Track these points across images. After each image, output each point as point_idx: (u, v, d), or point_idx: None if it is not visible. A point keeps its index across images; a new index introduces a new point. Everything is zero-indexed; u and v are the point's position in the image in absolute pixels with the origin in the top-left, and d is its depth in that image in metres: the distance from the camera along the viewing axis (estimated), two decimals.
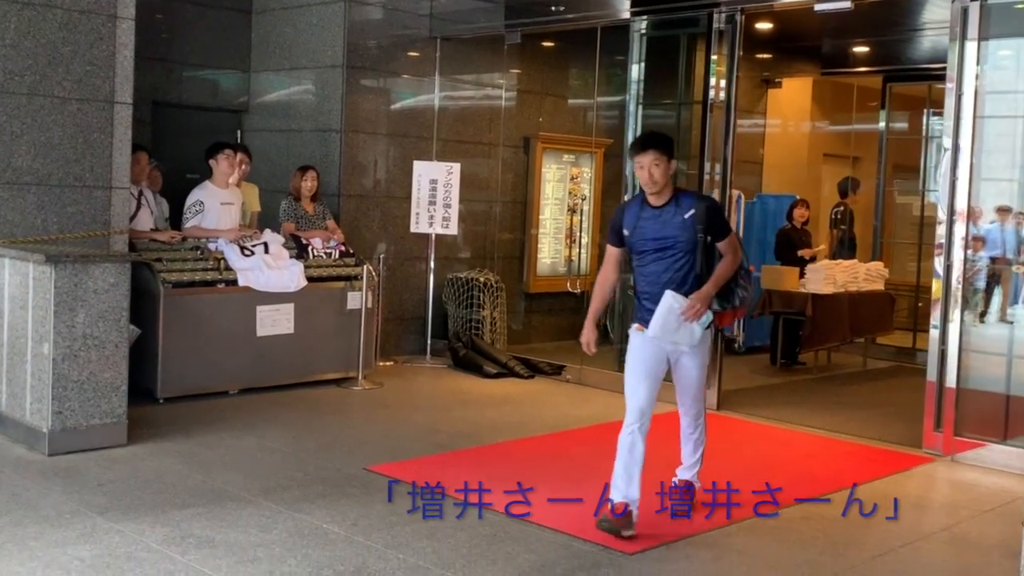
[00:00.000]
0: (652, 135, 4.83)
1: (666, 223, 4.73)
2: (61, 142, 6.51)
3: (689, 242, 4.71)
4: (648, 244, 4.77)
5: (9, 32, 6.25)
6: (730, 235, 4.84)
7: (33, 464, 5.48)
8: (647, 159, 4.68)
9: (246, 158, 8.02)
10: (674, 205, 4.75)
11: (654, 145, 4.70)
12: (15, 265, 5.91)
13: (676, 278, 4.74)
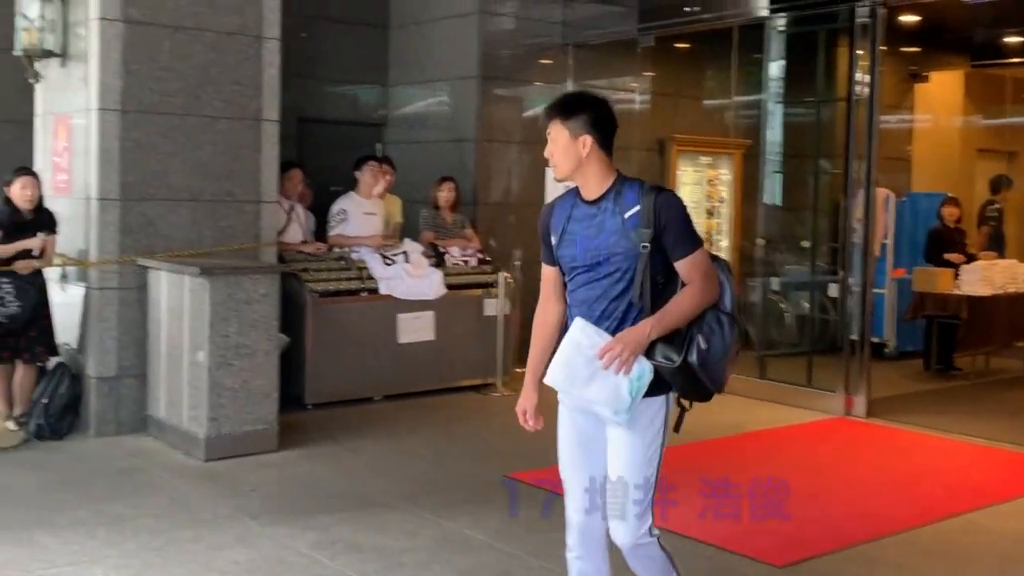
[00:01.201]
0: (562, 97, 3.26)
1: (600, 227, 3.11)
2: (212, 159, 6.76)
3: (628, 255, 3.07)
4: (576, 258, 3.15)
5: (163, 55, 6.53)
6: (697, 251, 3.09)
7: (190, 469, 5.71)
8: (549, 131, 3.18)
9: (390, 170, 8.20)
10: (613, 199, 3.12)
11: (553, 111, 3.17)
12: (172, 278, 6.18)
13: (613, 311, 3.10)
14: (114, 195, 6.35)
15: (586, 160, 3.11)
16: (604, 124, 3.14)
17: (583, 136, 3.10)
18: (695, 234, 3.13)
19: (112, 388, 6.35)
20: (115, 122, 6.36)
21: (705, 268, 3.09)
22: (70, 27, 6.62)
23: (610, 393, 3.01)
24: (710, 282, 3.09)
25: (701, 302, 3.07)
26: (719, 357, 3.08)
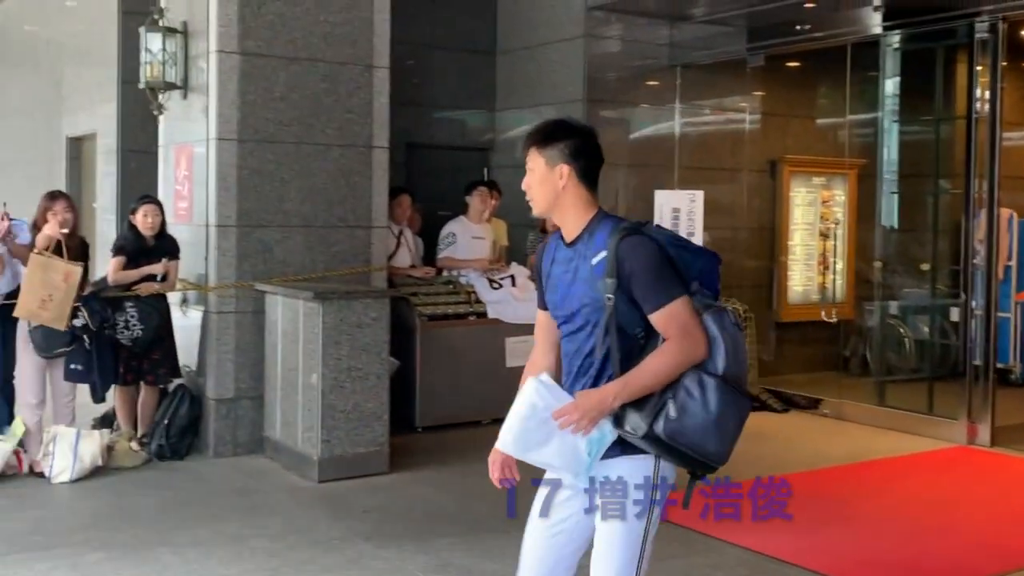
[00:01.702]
0: (535, 127, 2.95)
1: (575, 273, 2.79)
2: (325, 186, 6.89)
3: (595, 307, 2.72)
4: (557, 307, 2.86)
5: (279, 86, 6.70)
6: (672, 302, 2.67)
7: (304, 490, 5.80)
8: (527, 161, 2.89)
9: (497, 195, 8.24)
10: (586, 241, 2.80)
11: (530, 139, 2.89)
12: (287, 302, 6.31)
13: (588, 368, 2.77)
14: (231, 222, 6.53)
15: (563, 192, 2.81)
16: (584, 153, 2.83)
17: (560, 165, 2.81)
18: (670, 283, 2.69)
19: (230, 410, 6.51)
20: (232, 151, 6.54)
21: (682, 322, 2.66)
22: (191, 60, 6.86)
23: (568, 455, 2.71)
24: (689, 339, 2.66)
25: (676, 362, 2.65)
26: (698, 428, 2.64)
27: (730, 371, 2.67)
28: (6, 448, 5.79)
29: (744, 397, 2.72)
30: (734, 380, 2.68)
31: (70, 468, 5.79)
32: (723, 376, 2.66)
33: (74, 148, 10.34)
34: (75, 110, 10.20)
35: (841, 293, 9.99)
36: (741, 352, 2.71)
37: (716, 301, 2.77)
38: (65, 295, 5.75)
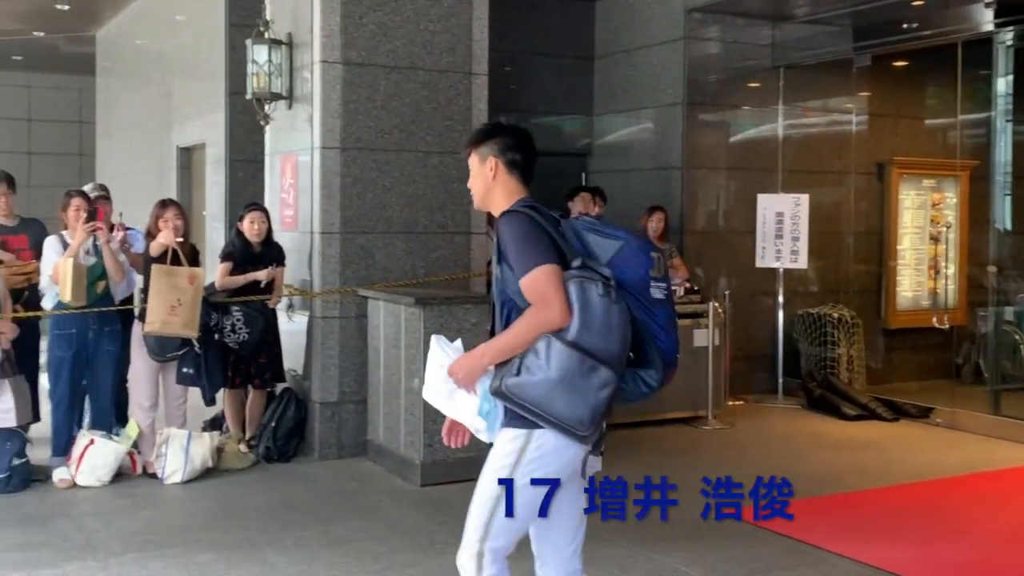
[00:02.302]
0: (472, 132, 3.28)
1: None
2: (425, 193, 6.95)
3: (495, 282, 3.06)
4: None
5: (379, 95, 6.79)
6: (531, 271, 2.84)
7: (407, 494, 5.84)
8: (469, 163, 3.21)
9: (600, 201, 8.15)
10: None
11: (468, 142, 3.21)
12: (388, 308, 6.38)
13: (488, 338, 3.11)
14: (335, 228, 6.63)
15: (493, 183, 3.09)
16: (511, 148, 3.09)
17: (489, 159, 3.09)
18: (530, 253, 2.87)
19: (334, 413, 6.61)
20: (335, 159, 6.65)
21: (540, 289, 2.82)
22: (296, 71, 6.99)
23: (468, 411, 2.96)
24: (545, 305, 2.81)
25: (530, 326, 2.83)
26: (538, 386, 2.80)
27: (583, 339, 2.78)
28: (121, 449, 5.97)
29: (605, 367, 2.79)
30: (587, 348, 2.78)
31: (182, 469, 5.95)
32: (573, 342, 2.78)
33: (184, 158, 10.66)
34: (185, 121, 10.51)
35: (953, 299, 9.66)
36: (597, 321, 2.80)
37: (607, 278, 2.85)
38: (193, 298, 5.91)
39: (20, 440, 5.82)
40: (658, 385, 2.97)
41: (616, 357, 2.82)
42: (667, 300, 2.94)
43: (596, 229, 2.98)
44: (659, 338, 2.91)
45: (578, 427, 2.84)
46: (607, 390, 2.82)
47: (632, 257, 2.91)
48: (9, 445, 5.74)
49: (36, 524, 5.22)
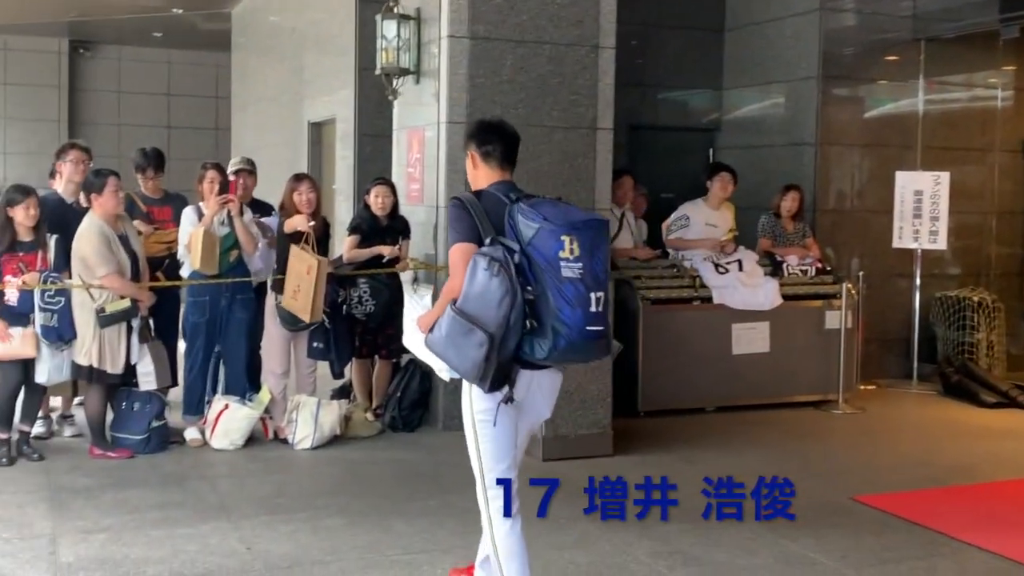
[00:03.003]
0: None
1: None
2: (550, 168, 6.89)
3: None
4: None
5: (505, 69, 6.75)
6: (452, 247, 3.50)
7: (529, 468, 5.79)
8: None
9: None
10: None
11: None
12: None
13: None
14: None
15: (475, 172, 3.69)
16: (482, 141, 3.65)
17: (470, 152, 3.70)
18: (453, 232, 3.52)
19: (458, 386, 6.62)
20: (461, 133, 6.64)
21: (451, 263, 3.48)
22: (423, 46, 7.03)
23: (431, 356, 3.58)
24: (451, 275, 3.47)
25: (443, 293, 3.49)
26: (439, 342, 3.40)
27: (464, 306, 3.33)
28: (253, 415, 6.16)
29: (481, 331, 3.28)
30: (467, 313, 3.31)
31: (311, 436, 6.10)
32: (458, 309, 3.34)
33: (315, 133, 10.88)
34: (316, 96, 10.72)
35: None
36: (475, 292, 3.29)
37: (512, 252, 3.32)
38: (309, 287, 6.00)
39: (159, 403, 6.06)
40: (551, 353, 3.34)
41: (491, 322, 3.28)
42: (579, 279, 3.28)
43: (524, 212, 3.39)
44: (563, 311, 3.29)
45: (467, 375, 3.42)
46: (483, 349, 3.29)
47: (546, 240, 3.31)
48: (148, 408, 5.99)
49: (173, 484, 5.43)
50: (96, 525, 4.74)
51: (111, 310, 5.75)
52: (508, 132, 3.73)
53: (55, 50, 14.33)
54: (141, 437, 5.95)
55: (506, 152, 3.68)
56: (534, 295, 3.31)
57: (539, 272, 3.30)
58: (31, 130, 13.54)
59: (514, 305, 3.28)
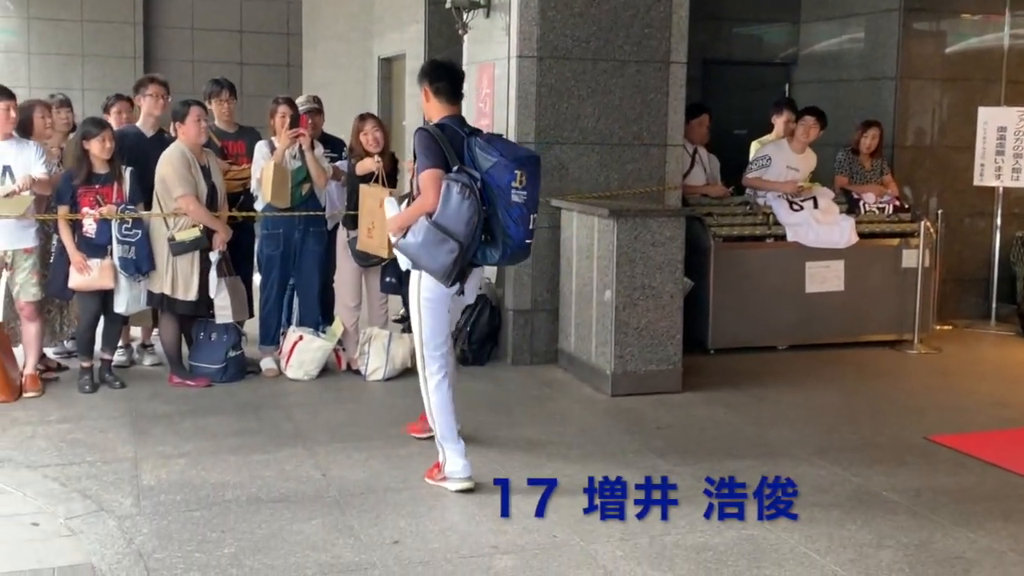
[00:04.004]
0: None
1: None
2: (621, 103, 6.82)
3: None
4: None
5: (577, 2, 6.65)
6: (422, 172, 4.22)
7: (598, 403, 5.88)
8: None
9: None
10: None
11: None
12: (582, 219, 6.36)
13: None
14: (530, 139, 6.62)
15: (428, 106, 4.39)
16: (432, 77, 4.34)
17: (424, 89, 4.38)
18: (424, 159, 4.20)
19: (527, 321, 6.70)
20: (532, 68, 6.60)
21: (423, 185, 4.20)
22: None
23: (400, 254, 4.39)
24: (423, 196, 4.20)
25: (415, 208, 4.27)
26: (413, 247, 4.22)
27: (439, 220, 4.14)
28: (327, 346, 6.27)
29: (452, 240, 4.13)
30: (442, 225, 4.13)
31: (383, 367, 6.18)
32: (434, 222, 4.15)
33: (385, 68, 10.87)
34: (385, 32, 10.69)
35: None
36: (451, 209, 4.12)
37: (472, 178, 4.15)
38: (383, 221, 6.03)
39: (236, 334, 6.19)
40: (499, 260, 4.28)
41: (462, 235, 4.12)
42: (523, 203, 4.15)
43: (482, 147, 4.18)
44: (510, 228, 4.16)
45: (436, 274, 4.22)
46: (453, 255, 4.15)
47: (501, 171, 4.13)
48: (225, 338, 6.12)
49: (250, 412, 5.57)
50: (176, 450, 4.89)
51: (181, 238, 5.85)
52: (456, 71, 4.46)
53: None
54: (219, 366, 6.09)
55: (452, 89, 4.38)
56: (487, 215, 4.15)
57: (492, 196, 4.14)
58: (108, 66, 13.74)
59: (479, 223, 4.12)
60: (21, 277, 5.77)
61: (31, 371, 5.85)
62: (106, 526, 4.00)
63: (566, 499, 4.26)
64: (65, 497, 4.29)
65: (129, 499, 4.27)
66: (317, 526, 4.03)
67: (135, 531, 3.95)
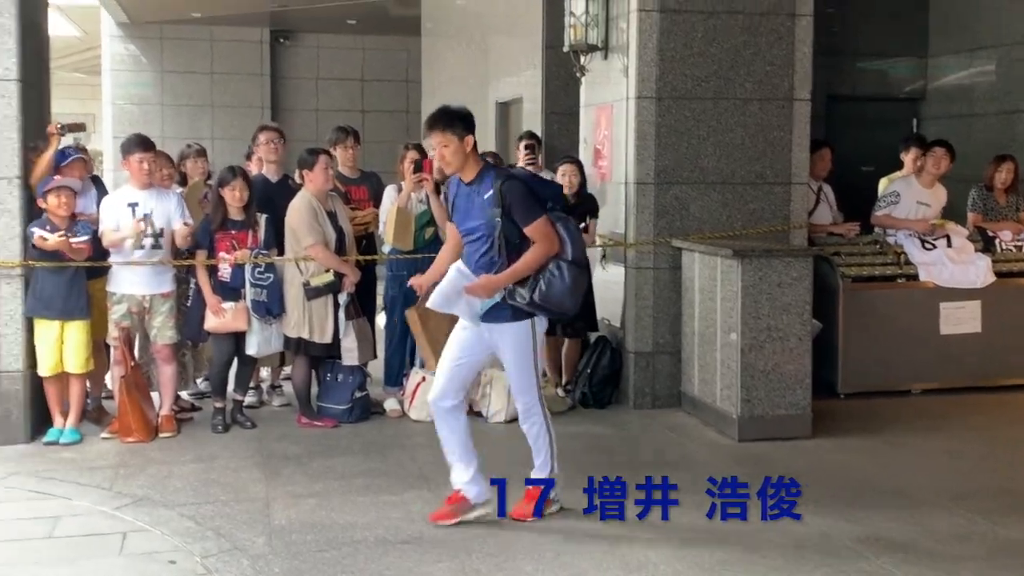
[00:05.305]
0: (437, 114, 4.39)
1: (472, 203, 4.39)
2: (743, 141, 6.73)
3: (487, 227, 4.31)
4: (461, 224, 4.48)
5: (696, 41, 6.63)
6: (537, 220, 4.27)
7: (724, 448, 5.76)
8: (434, 141, 4.38)
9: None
10: (479, 183, 4.39)
11: (437, 125, 4.34)
12: (704, 259, 6.27)
13: (483, 264, 4.36)
14: (649, 179, 6.59)
15: (466, 155, 4.37)
16: (473, 126, 4.38)
17: (467, 136, 4.35)
18: (534, 208, 4.30)
19: (648, 363, 6.62)
20: (651, 109, 6.58)
21: (542, 231, 4.29)
22: (612, 21, 6.97)
23: (467, 308, 4.38)
24: (547, 241, 4.29)
25: (539, 256, 4.28)
26: (560, 294, 4.29)
27: (576, 257, 4.33)
28: None
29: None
30: (578, 262, 4.33)
31: (504, 409, 6.19)
32: (572, 260, 4.30)
33: (502, 112, 11.01)
34: (502, 76, 10.84)
35: None
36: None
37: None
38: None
39: (361, 375, 6.30)
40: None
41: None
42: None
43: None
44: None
45: (569, 312, 4.48)
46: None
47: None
48: (352, 379, 6.23)
49: (375, 453, 5.63)
50: (306, 490, 4.98)
51: (316, 283, 6.02)
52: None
53: (257, 39, 15.11)
54: (345, 407, 6.20)
55: None
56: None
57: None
58: (237, 116, 14.32)
59: None
60: (158, 321, 6.00)
61: (167, 412, 6.06)
62: (240, 565, 4.09)
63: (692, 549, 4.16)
64: (200, 536, 4.40)
65: (261, 538, 4.36)
66: (444, 569, 4.03)
67: (268, 570, 4.03)
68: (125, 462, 5.47)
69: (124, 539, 4.38)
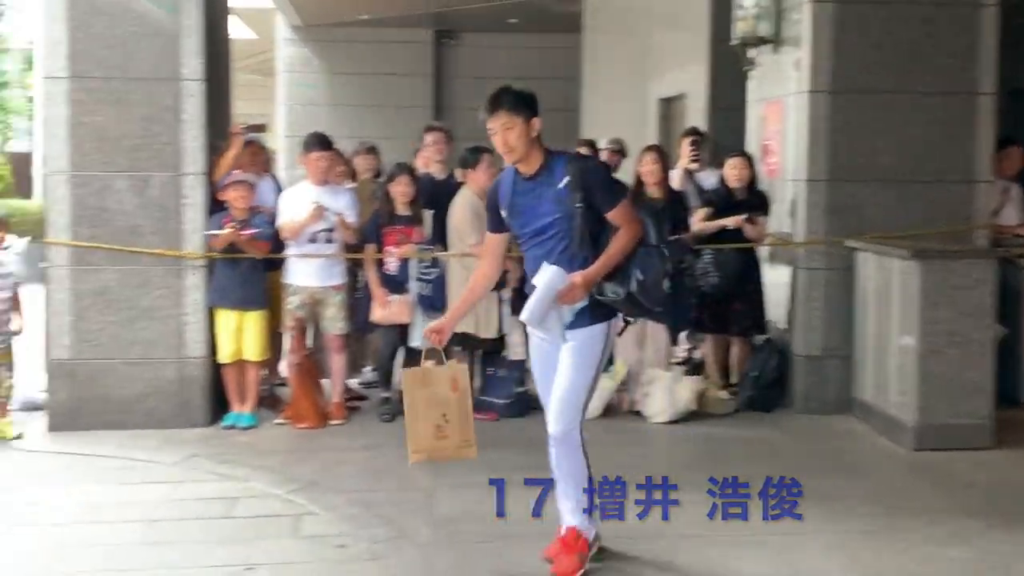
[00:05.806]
0: (498, 93, 3.88)
1: (540, 197, 3.88)
2: (922, 137, 6.44)
3: (567, 218, 3.82)
4: (526, 226, 3.92)
5: (874, 33, 6.38)
6: (622, 201, 3.88)
7: (898, 456, 5.52)
8: (497, 124, 3.84)
9: None
10: (547, 173, 3.88)
11: (501, 106, 3.84)
12: (879, 260, 6.04)
13: (562, 263, 3.83)
14: (822, 176, 6.38)
15: (531, 140, 3.86)
16: (538, 108, 3.87)
17: (533, 119, 3.85)
18: (617, 187, 3.99)
19: (817, 367, 6.41)
20: (825, 104, 6.38)
21: (629, 214, 3.88)
22: (783, 13, 6.78)
23: (555, 321, 3.86)
24: (635, 224, 3.87)
25: (631, 240, 3.84)
26: (655, 281, 3.82)
27: (656, 242, 3.90)
28: (610, 387, 6.27)
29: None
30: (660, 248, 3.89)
31: (667, 410, 6.11)
32: (656, 245, 3.88)
33: (664, 108, 10.90)
34: (665, 72, 10.72)
35: None
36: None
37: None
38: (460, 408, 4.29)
39: (522, 370, 6.33)
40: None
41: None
42: None
43: None
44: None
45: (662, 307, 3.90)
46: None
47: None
48: (514, 375, 6.28)
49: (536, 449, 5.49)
50: (468, 481, 5.01)
51: None
52: None
53: (422, 40, 15.44)
54: (506, 401, 6.26)
55: None
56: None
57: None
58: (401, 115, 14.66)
59: None
60: (330, 312, 6.19)
61: (337, 399, 6.25)
62: (408, 553, 4.18)
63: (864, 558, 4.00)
64: (367, 522, 4.52)
65: (427, 527, 4.44)
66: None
67: (436, 558, 4.11)
68: (297, 447, 5.68)
69: (297, 522, 4.54)
